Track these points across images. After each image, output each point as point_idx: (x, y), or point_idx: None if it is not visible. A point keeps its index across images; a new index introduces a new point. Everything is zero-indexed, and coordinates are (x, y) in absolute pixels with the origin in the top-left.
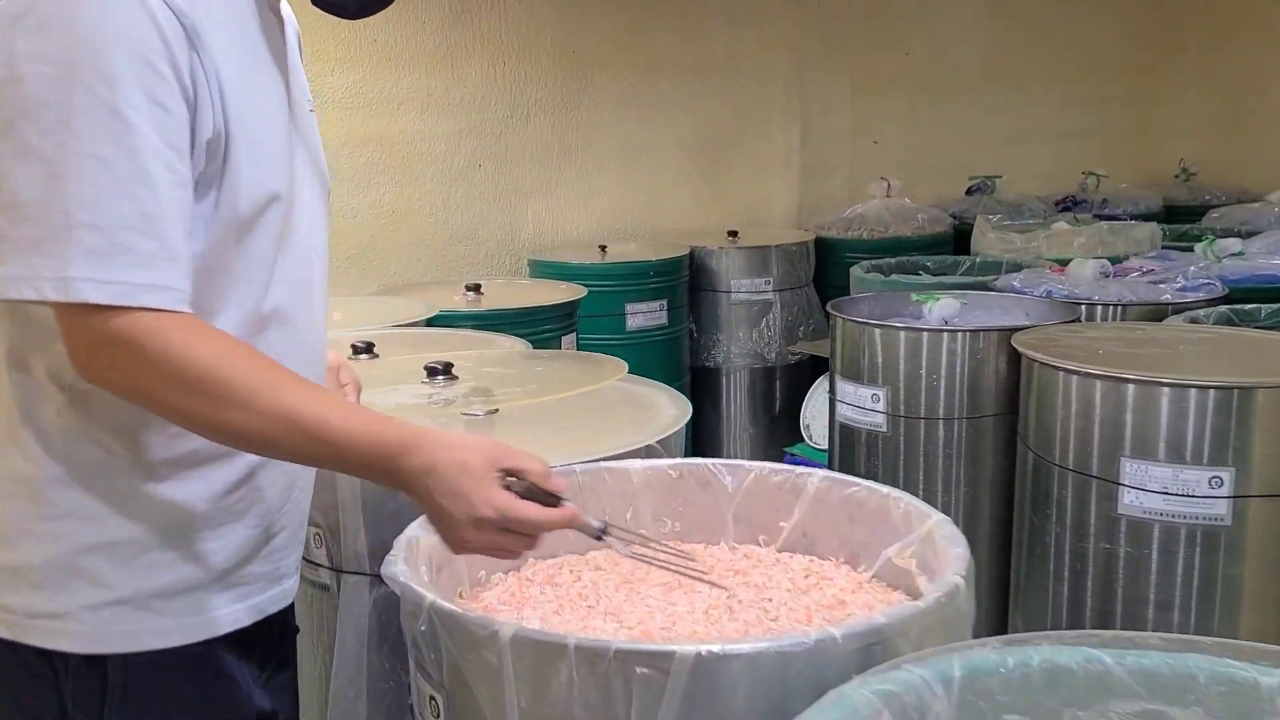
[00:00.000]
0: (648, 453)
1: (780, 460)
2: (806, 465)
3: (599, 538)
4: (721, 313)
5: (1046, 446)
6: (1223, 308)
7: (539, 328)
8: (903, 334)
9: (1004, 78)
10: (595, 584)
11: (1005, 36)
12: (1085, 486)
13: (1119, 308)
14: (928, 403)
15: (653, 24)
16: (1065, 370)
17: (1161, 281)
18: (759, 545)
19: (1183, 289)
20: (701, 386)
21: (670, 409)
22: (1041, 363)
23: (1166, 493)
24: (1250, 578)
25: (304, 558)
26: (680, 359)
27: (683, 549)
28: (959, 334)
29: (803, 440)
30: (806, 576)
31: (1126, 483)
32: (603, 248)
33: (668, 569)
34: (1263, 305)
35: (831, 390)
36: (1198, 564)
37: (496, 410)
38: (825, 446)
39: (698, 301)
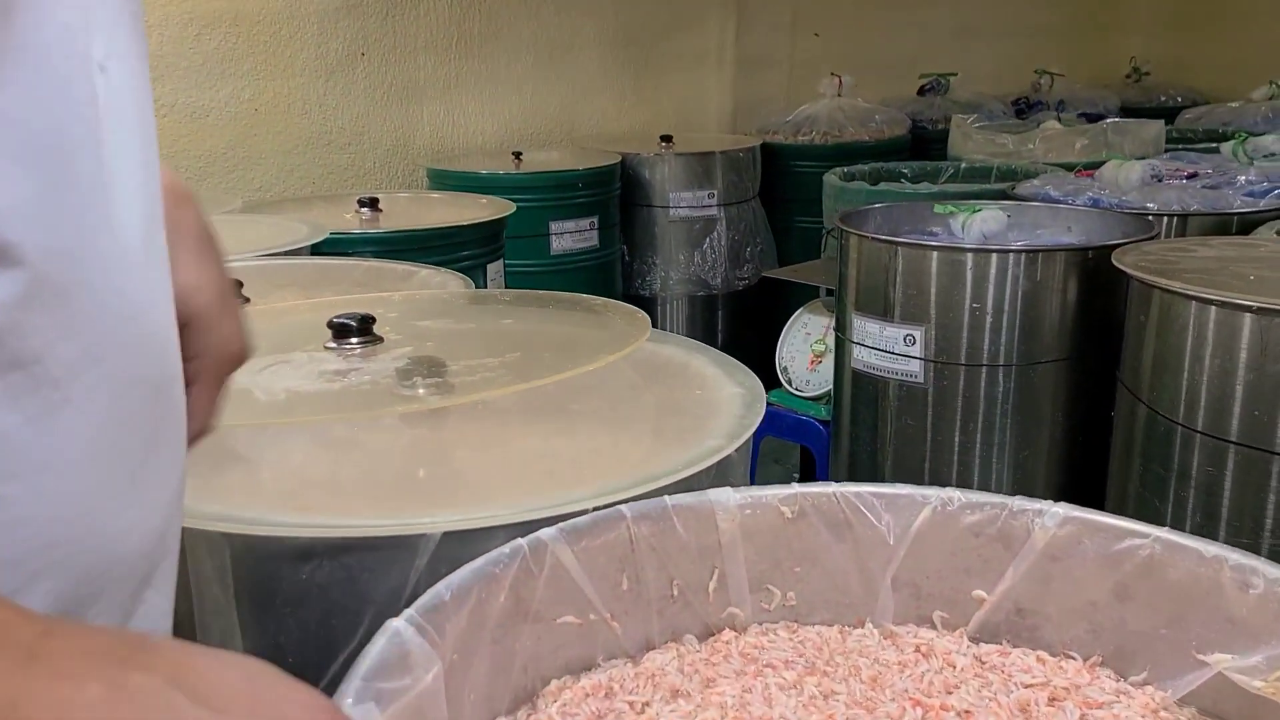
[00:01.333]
0: (719, 474)
1: None
2: (786, 418)
3: None
4: (658, 232)
5: (1176, 406)
6: None
7: (456, 254)
8: (958, 257)
9: None
10: None
11: None
12: (1250, 464)
13: (1177, 219)
14: (971, 345)
15: None
16: (1224, 304)
17: (1213, 187)
18: (934, 629)
19: (1250, 195)
20: None
21: (731, 387)
22: (1180, 294)
23: None
24: None
25: None
26: (613, 287)
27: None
28: (1018, 255)
29: (779, 385)
30: (1053, 702)
31: None
32: (517, 155)
33: None
34: None
35: (841, 328)
36: None
37: (450, 397)
38: (812, 394)
39: (630, 220)
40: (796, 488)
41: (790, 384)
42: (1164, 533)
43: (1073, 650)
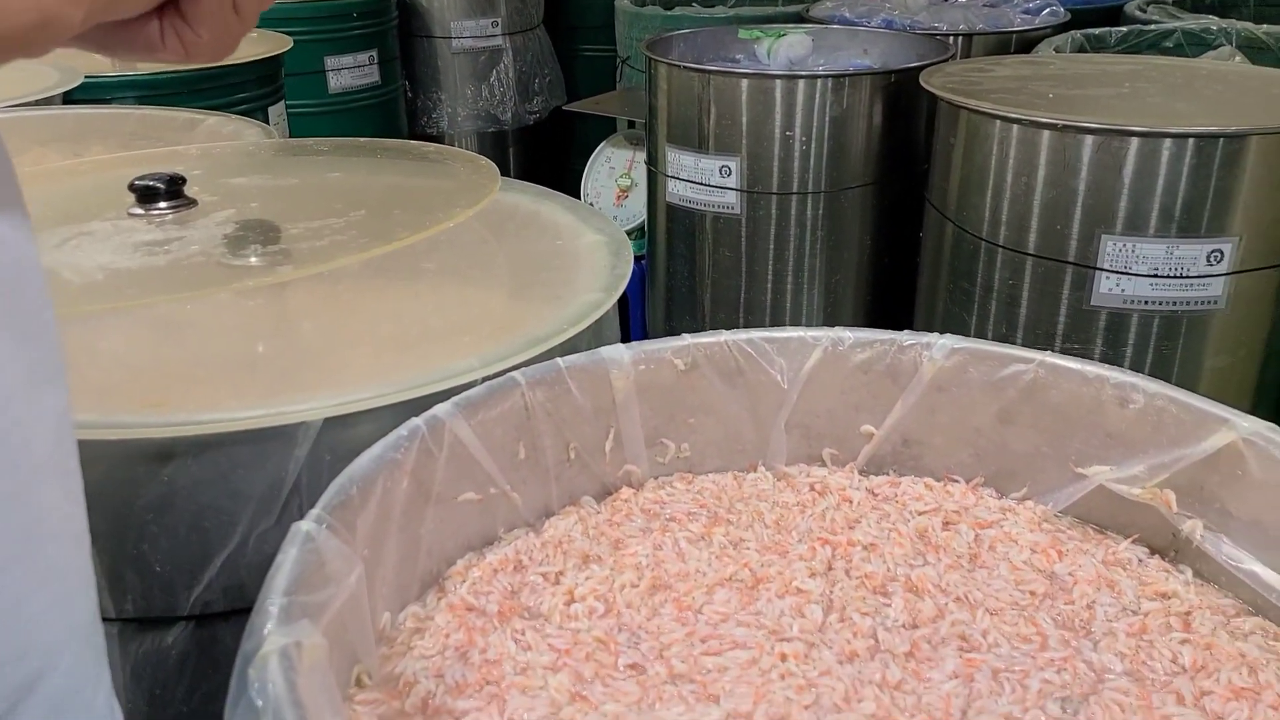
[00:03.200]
0: (596, 334)
1: None
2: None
3: None
4: (442, 65)
5: (981, 223)
6: (1075, 33)
7: (232, 97)
8: (768, 84)
9: None
10: (611, 602)
11: None
12: (1047, 275)
13: (964, 38)
14: (783, 173)
15: None
16: (1028, 123)
17: (991, 5)
18: (825, 466)
19: (1026, 13)
20: None
21: (590, 235)
22: (988, 115)
23: (1157, 275)
24: (1229, 370)
25: None
26: (397, 126)
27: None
28: (825, 81)
29: None
30: (948, 526)
31: (1107, 266)
32: None
33: None
34: (1110, 29)
35: (653, 162)
36: (1175, 359)
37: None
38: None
39: (411, 53)
40: (688, 339)
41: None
42: (1047, 356)
43: (956, 475)
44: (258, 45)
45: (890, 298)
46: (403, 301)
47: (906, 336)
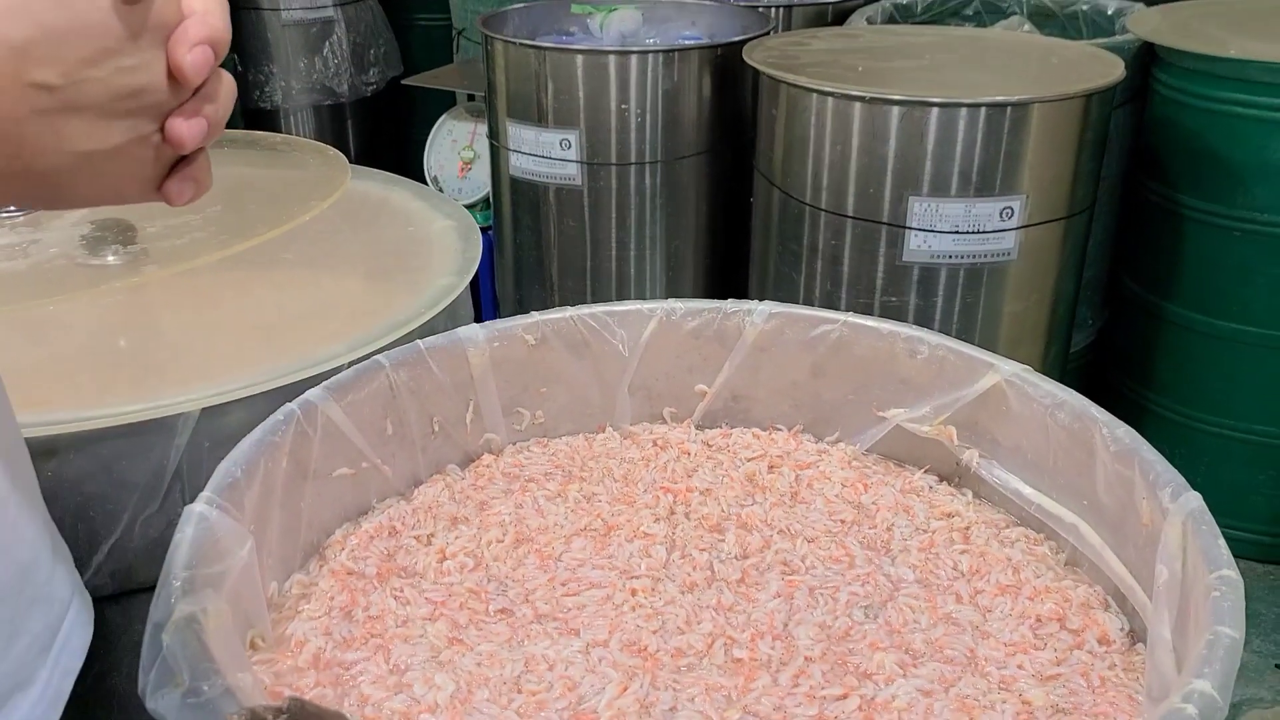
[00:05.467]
0: (452, 315)
1: None
2: None
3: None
4: (272, 38)
5: (804, 189)
6: (885, 3)
7: None
8: (602, 60)
9: None
10: (479, 557)
11: None
12: (865, 235)
13: (783, 9)
14: (620, 144)
15: None
16: (840, 95)
17: None
18: (665, 424)
19: None
20: None
21: (440, 220)
22: (806, 89)
23: (958, 232)
24: (1025, 314)
25: None
26: None
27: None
28: (656, 55)
29: None
30: (772, 469)
31: (915, 225)
32: None
33: None
34: None
35: (495, 136)
36: (979, 306)
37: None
38: (465, 202)
39: (238, 25)
40: (536, 316)
41: (443, 194)
42: (850, 317)
43: (779, 424)
44: None
45: (728, 261)
46: (264, 292)
47: (730, 304)
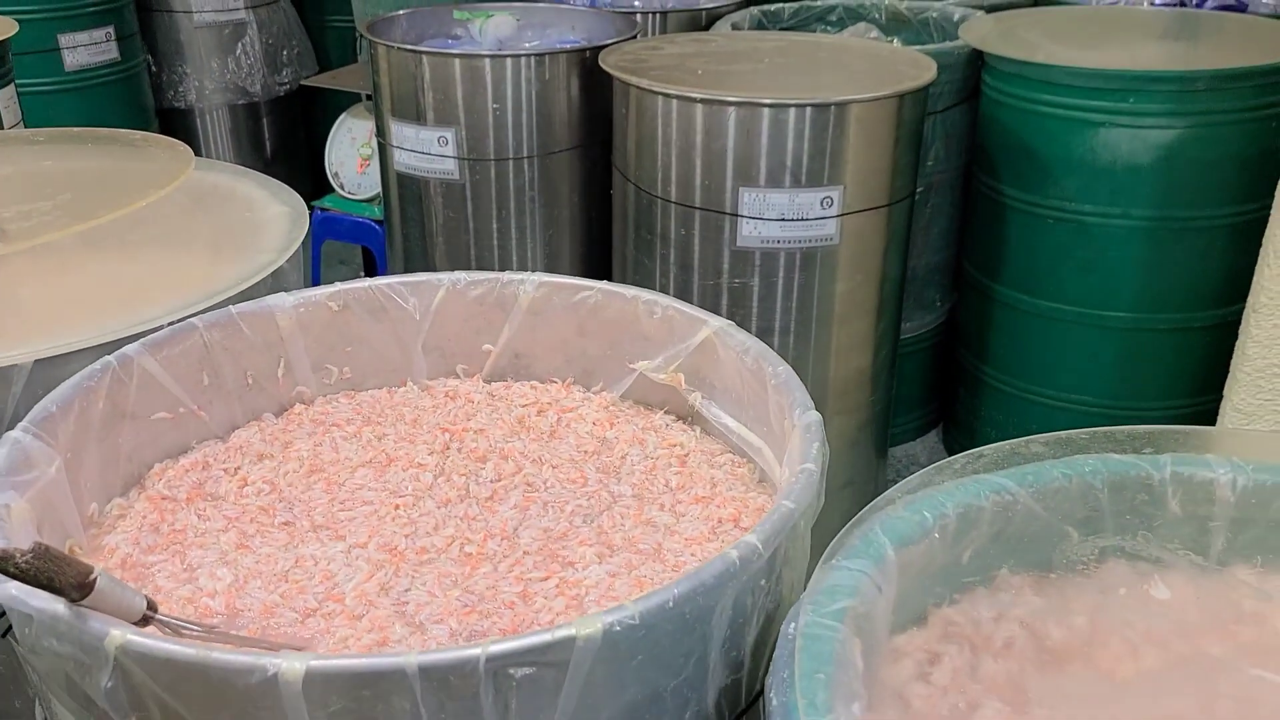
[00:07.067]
0: (276, 282)
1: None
2: (342, 221)
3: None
4: (185, 39)
5: (654, 181)
6: (753, 10)
7: None
8: (478, 63)
9: None
10: (275, 484)
11: None
12: (709, 223)
13: (658, 15)
14: (497, 141)
15: None
16: (679, 98)
17: None
18: (458, 378)
19: None
20: (174, 134)
21: (276, 207)
22: (651, 91)
23: (784, 219)
24: (853, 292)
25: None
26: (143, 102)
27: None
28: (528, 59)
29: (332, 191)
30: (540, 413)
31: (746, 213)
32: None
33: None
34: (784, 4)
35: (381, 134)
36: (813, 286)
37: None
38: (364, 196)
39: (151, 27)
40: (339, 286)
41: (343, 188)
42: (603, 284)
43: (555, 377)
44: None
45: (598, 248)
46: (109, 267)
47: (506, 276)
